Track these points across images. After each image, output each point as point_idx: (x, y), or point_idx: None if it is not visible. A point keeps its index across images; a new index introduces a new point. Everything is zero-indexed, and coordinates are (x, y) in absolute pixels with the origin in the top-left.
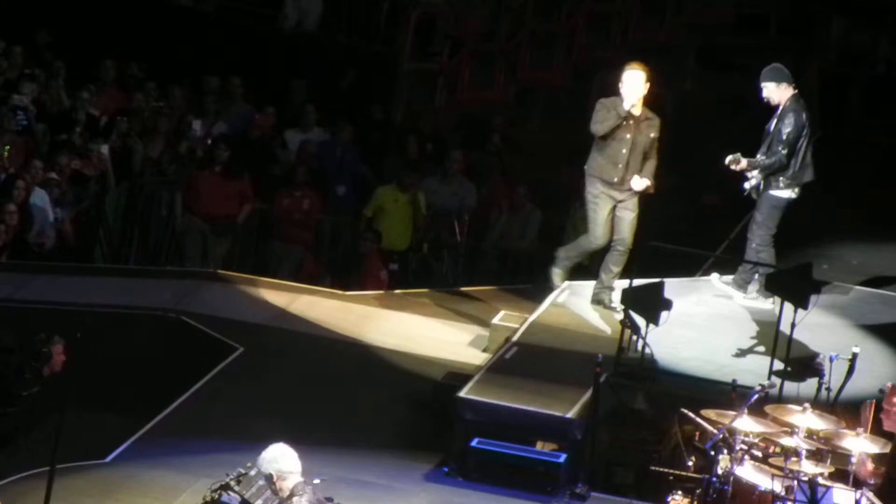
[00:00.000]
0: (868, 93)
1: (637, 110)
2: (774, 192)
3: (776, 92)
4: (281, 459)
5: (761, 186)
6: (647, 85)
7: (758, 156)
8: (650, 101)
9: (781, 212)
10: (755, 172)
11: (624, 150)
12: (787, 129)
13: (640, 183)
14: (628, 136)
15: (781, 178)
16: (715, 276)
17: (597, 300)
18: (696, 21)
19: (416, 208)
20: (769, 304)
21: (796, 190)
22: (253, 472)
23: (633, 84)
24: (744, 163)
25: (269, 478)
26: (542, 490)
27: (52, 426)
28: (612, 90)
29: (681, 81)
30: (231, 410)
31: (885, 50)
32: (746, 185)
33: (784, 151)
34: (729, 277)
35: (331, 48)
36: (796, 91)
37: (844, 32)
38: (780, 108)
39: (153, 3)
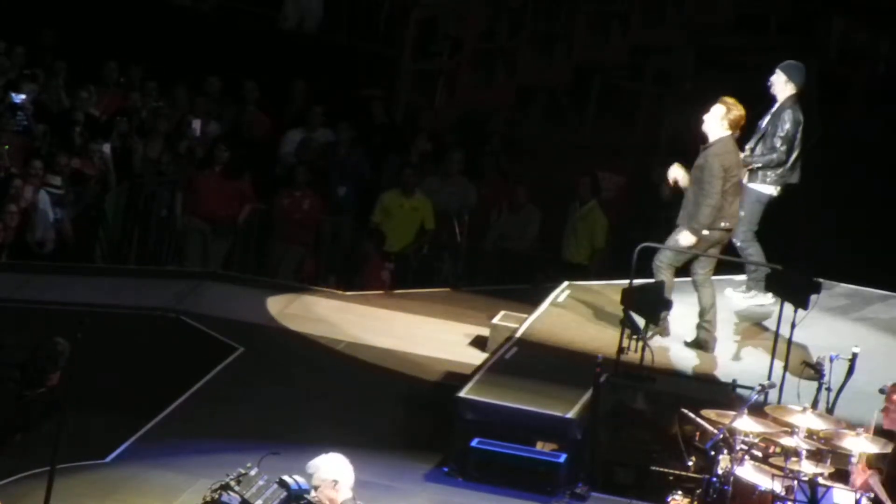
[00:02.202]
0: (868, 93)
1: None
2: (759, 187)
3: (780, 86)
4: (336, 470)
5: (745, 181)
6: (722, 119)
7: (745, 149)
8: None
9: (763, 207)
10: (746, 169)
11: None
12: (786, 126)
13: None
14: None
15: (770, 174)
16: (729, 291)
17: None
18: (696, 21)
19: (424, 217)
20: (769, 299)
21: (779, 188)
22: (253, 472)
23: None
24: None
25: (331, 483)
26: (542, 490)
27: (52, 426)
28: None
29: (681, 81)
30: (231, 410)
31: (885, 50)
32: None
33: (783, 148)
34: (742, 286)
35: (331, 48)
36: (796, 93)
37: (844, 32)
38: (778, 105)
39: (152, 4)
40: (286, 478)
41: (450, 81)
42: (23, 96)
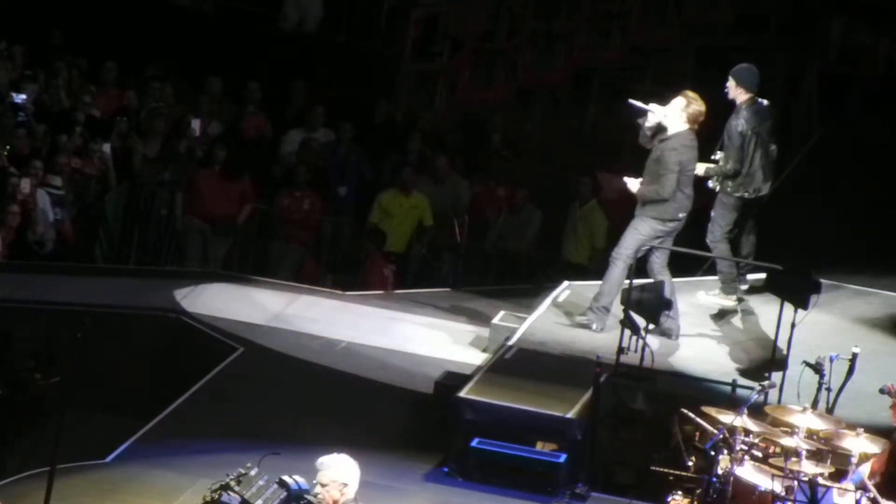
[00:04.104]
0: (868, 93)
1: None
2: (724, 193)
3: (732, 90)
4: (348, 473)
5: (717, 188)
6: (682, 112)
7: (716, 151)
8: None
9: (734, 210)
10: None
11: None
12: (732, 138)
13: None
14: None
15: (731, 183)
16: (701, 293)
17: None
18: (696, 21)
19: (422, 215)
20: (732, 302)
21: (748, 192)
22: (253, 472)
23: None
24: (701, 170)
25: (340, 484)
26: (542, 490)
27: (52, 426)
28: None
29: (681, 81)
30: (231, 410)
31: (885, 50)
32: (709, 185)
33: (735, 157)
34: (715, 290)
35: (331, 48)
36: (750, 97)
37: (844, 32)
38: (734, 111)
39: (152, 4)
40: (286, 478)
41: (450, 81)
42: (23, 96)
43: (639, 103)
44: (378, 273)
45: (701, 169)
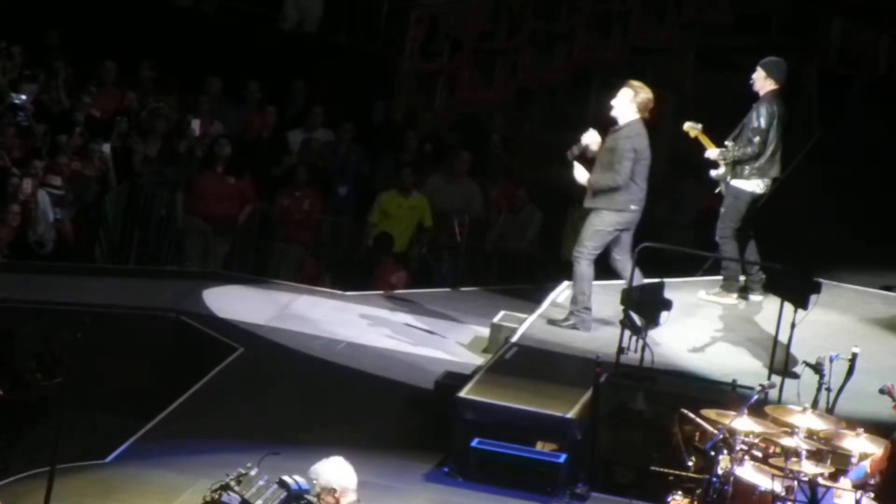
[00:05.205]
0: (868, 93)
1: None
2: (738, 184)
3: (760, 81)
4: (337, 478)
5: (728, 178)
6: (630, 102)
7: (727, 143)
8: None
9: (746, 204)
10: (723, 162)
11: None
12: (759, 119)
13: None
14: None
15: (747, 168)
16: (702, 292)
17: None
18: (696, 21)
19: (422, 215)
20: (733, 300)
21: (761, 184)
22: (253, 472)
23: None
24: (715, 153)
25: (330, 490)
26: (542, 490)
27: (53, 426)
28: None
29: (681, 81)
30: (231, 410)
31: (885, 50)
32: (713, 174)
33: (756, 140)
34: (716, 288)
35: (331, 48)
36: (776, 88)
37: (844, 32)
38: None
39: (153, 4)
40: (286, 478)
41: (450, 81)
42: (23, 96)
43: (574, 148)
44: (388, 278)
45: (714, 153)
